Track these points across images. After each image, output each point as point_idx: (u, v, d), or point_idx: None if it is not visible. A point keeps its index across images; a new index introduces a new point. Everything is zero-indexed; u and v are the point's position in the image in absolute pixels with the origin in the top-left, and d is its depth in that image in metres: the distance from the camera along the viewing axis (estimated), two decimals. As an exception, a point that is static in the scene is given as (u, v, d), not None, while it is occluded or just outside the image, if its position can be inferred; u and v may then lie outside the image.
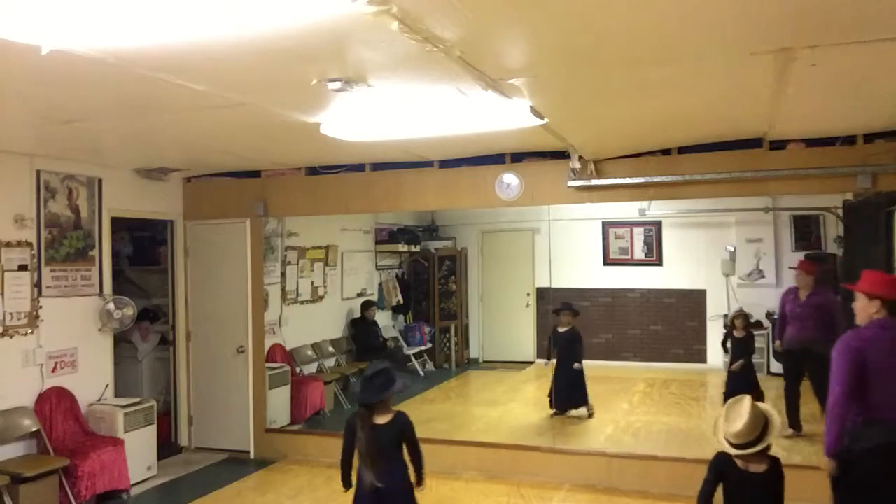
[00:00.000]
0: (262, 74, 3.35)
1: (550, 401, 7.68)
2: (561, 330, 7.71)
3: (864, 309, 3.66)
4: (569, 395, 7.55)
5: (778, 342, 7.07)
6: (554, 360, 7.73)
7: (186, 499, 5.75)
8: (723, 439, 3.19)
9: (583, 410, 7.59)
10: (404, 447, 3.84)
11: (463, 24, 2.64)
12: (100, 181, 6.20)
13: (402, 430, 3.79)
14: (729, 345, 7.43)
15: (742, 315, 7.36)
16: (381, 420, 3.73)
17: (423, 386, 9.76)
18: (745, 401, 3.15)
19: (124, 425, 5.88)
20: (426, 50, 2.84)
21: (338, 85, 3.41)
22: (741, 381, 7.01)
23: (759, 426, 3.09)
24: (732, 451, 3.12)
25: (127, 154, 5.95)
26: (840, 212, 8.81)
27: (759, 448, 3.09)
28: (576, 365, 7.50)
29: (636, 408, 8.12)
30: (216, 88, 3.59)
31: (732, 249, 9.91)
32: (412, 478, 3.85)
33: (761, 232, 9.83)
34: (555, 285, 9.16)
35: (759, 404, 3.21)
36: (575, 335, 7.65)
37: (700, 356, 9.90)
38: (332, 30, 2.68)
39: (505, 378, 9.86)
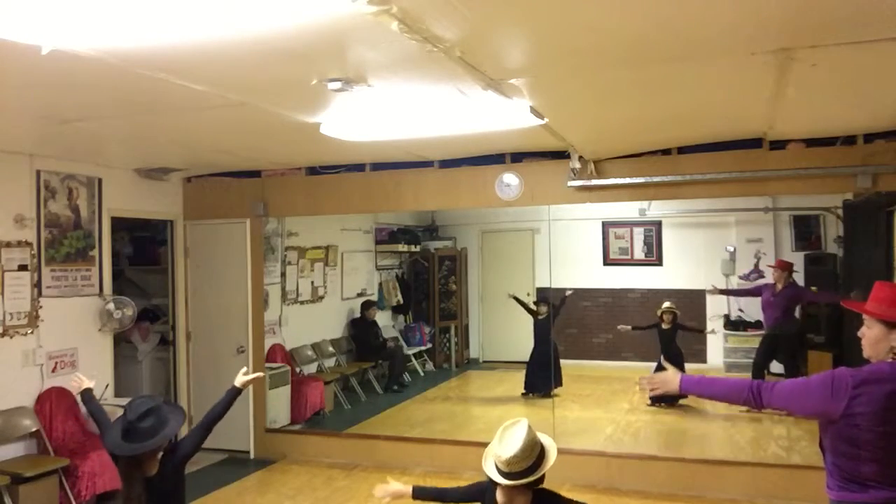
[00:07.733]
0: (262, 74, 3.36)
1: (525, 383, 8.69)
2: (540, 318, 8.73)
3: (880, 340, 2.46)
4: (541, 376, 8.39)
5: None
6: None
7: (186, 499, 5.73)
8: (491, 465, 2.67)
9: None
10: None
11: (463, 24, 2.64)
12: (100, 181, 6.20)
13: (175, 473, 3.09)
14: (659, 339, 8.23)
15: (670, 311, 8.21)
16: (152, 470, 3.04)
17: (423, 386, 9.77)
18: (522, 424, 2.68)
19: (124, 425, 5.88)
20: (426, 50, 2.84)
21: (338, 85, 3.41)
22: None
23: (535, 454, 2.63)
24: (501, 480, 2.61)
25: (127, 154, 5.95)
26: (840, 212, 8.81)
27: (531, 479, 2.61)
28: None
29: (636, 408, 8.12)
30: (216, 88, 3.59)
31: (732, 249, 9.93)
32: None
33: (761, 232, 9.82)
34: (555, 285, 9.16)
35: (536, 432, 2.71)
36: (550, 318, 8.70)
37: (700, 356, 9.89)
38: (332, 30, 2.68)
39: (505, 378, 9.86)
